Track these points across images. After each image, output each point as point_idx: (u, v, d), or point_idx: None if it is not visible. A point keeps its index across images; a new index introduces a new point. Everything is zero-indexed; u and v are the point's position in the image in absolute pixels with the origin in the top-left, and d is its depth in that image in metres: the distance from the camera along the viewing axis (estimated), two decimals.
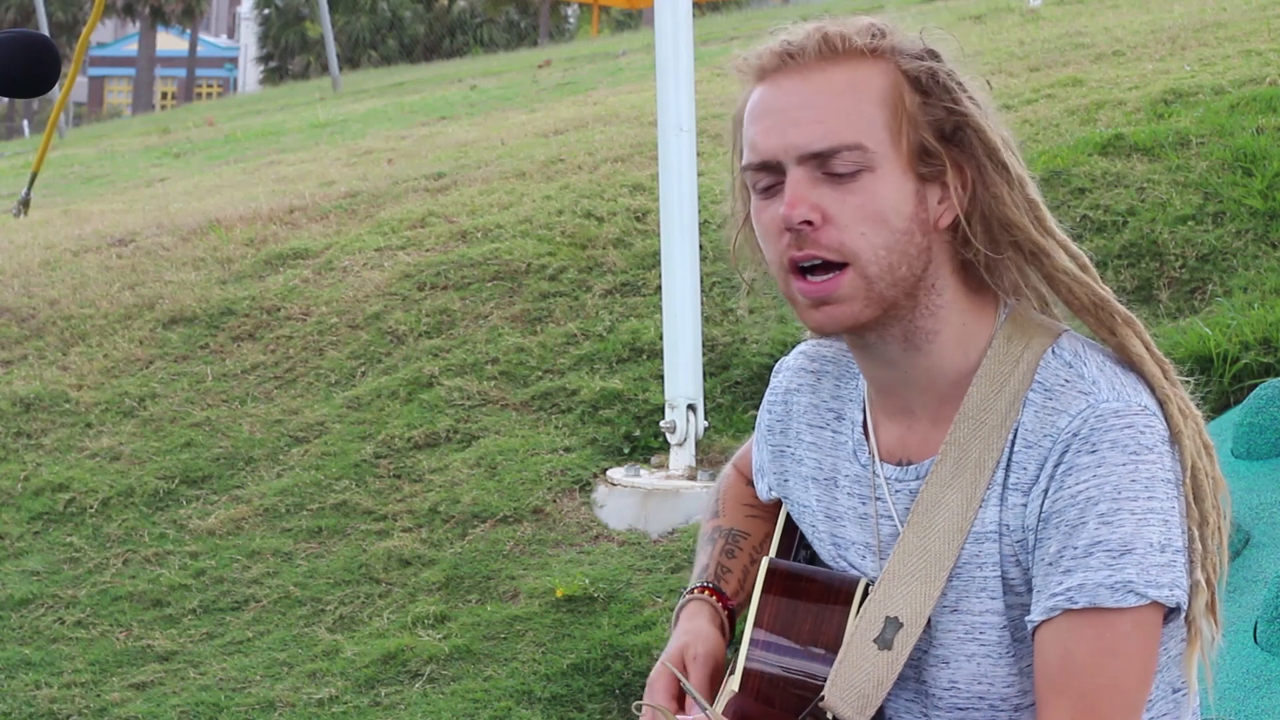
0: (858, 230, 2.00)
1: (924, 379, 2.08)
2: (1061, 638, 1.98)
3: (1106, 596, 1.96)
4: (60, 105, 10.89)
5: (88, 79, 59.20)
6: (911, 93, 2.03)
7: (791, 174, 2.02)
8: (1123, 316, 2.08)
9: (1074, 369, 2.04)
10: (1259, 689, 3.83)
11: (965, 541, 2.04)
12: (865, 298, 2.01)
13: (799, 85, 2.04)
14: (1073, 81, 8.30)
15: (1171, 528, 1.99)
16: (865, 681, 2.05)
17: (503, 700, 4.93)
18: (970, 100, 2.05)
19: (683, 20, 5.79)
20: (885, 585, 2.07)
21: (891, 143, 2.02)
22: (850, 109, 2.02)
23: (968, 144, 2.04)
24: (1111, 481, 1.97)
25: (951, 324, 2.07)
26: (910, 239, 2.02)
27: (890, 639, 2.05)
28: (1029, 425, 2.03)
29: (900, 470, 2.11)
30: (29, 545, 6.04)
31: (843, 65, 2.04)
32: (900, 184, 2.02)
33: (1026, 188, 2.06)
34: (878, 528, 2.12)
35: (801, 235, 2.01)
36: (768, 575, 2.17)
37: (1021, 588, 2.04)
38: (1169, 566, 1.98)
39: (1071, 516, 1.98)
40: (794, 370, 2.26)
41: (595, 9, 34.04)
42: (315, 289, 7.39)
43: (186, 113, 24.54)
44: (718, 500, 2.38)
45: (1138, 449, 1.99)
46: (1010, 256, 2.07)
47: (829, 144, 2.00)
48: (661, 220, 5.77)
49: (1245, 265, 6.16)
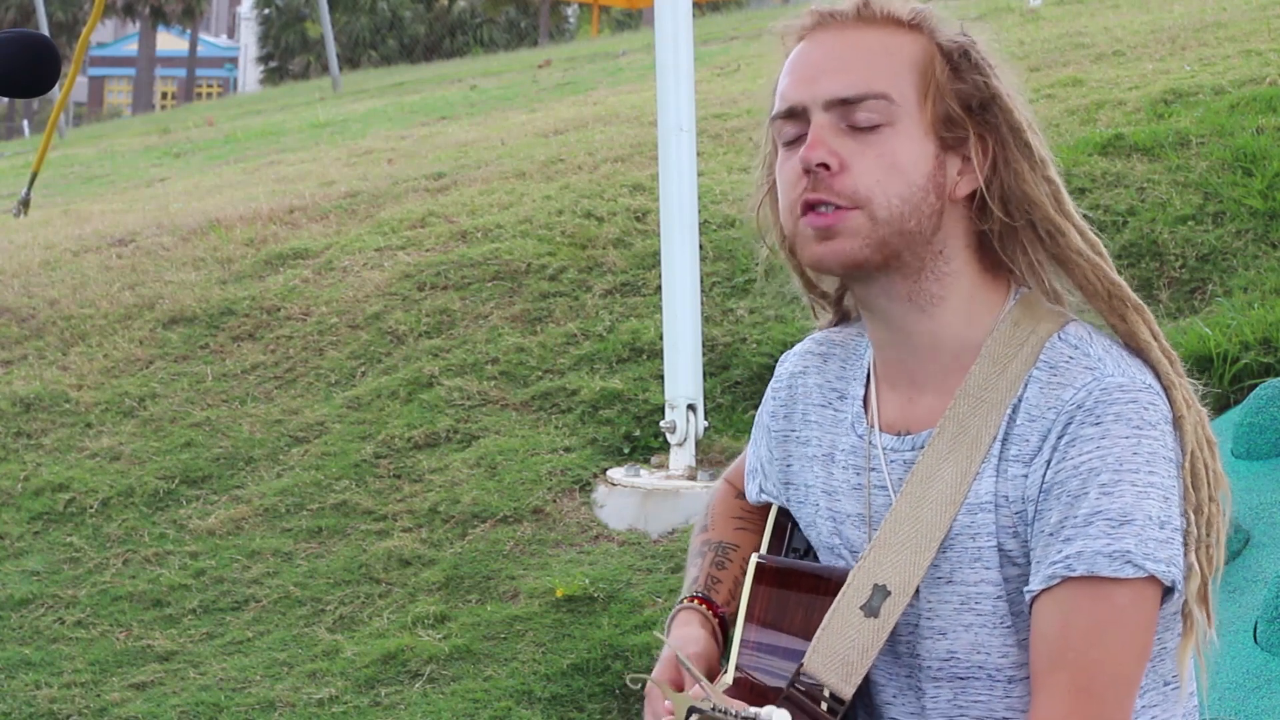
0: (874, 177, 2.04)
1: (926, 346, 2.10)
2: (1060, 608, 1.99)
3: (1104, 565, 1.97)
4: (60, 105, 10.89)
5: (88, 79, 59.20)
6: (943, 64, 2.08)
7: (815, 119, 2.06)
8: (1134, 304, 2.10)
9: (1079, 349, 2.06)
10: (1259, 689, 3.83)
11: (959, 513, 2.06)
12: (868, 237, 2.04)
13: (833, 40, 2.10)
14: (1073, 81, 8.30)
15: (1171, 505, 2.00)
16: (850, 648, 2.06)
17: (503, 700, 4.93)
18: (999, 80, 2.09)
19: (683, 20, 5.79)
20: (875, 553, 2.08)
21: (917, 103, 2.06)
22: (881, 64, 2.06)
23: (993, 119, 2.08)
24: (1114, 453, 1.99)
25: (959, 293, 2.09)
26: (924, 197, 2.06)
27: (877, 607, 2.06)
28: (1032, 399, 2.05)
29: (898, 440, 2.12)
30: (29, 545, 6.04)
31: (879, 29, 2.09)
32: (921, 143, 2.06)
33: (1048, 168, 2.09)
34: (870, 498, 2.14)
35: (818, 178, 2.04)
36: (757, 570, 2.18)
37: (1020, 559, 2.05)
38: (1166, 543, 1.99)
39: (1073, 487, 2.00)
40: (800, 354, 2.28)
41: (595, 9, 34.05)
42: (315, 289, 7.39)
43: (186, 113, 24.55)
44: (708, 514, 2.40)
45: (1141, 424, 2.00)
46: (1026, 236, 2.09)
47: (855, 91, 2.05)
48: (661, 220, 5.77)
49: (1245, 265, 6.16)
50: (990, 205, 2.07)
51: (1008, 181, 2.08)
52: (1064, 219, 2.09)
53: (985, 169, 2.07)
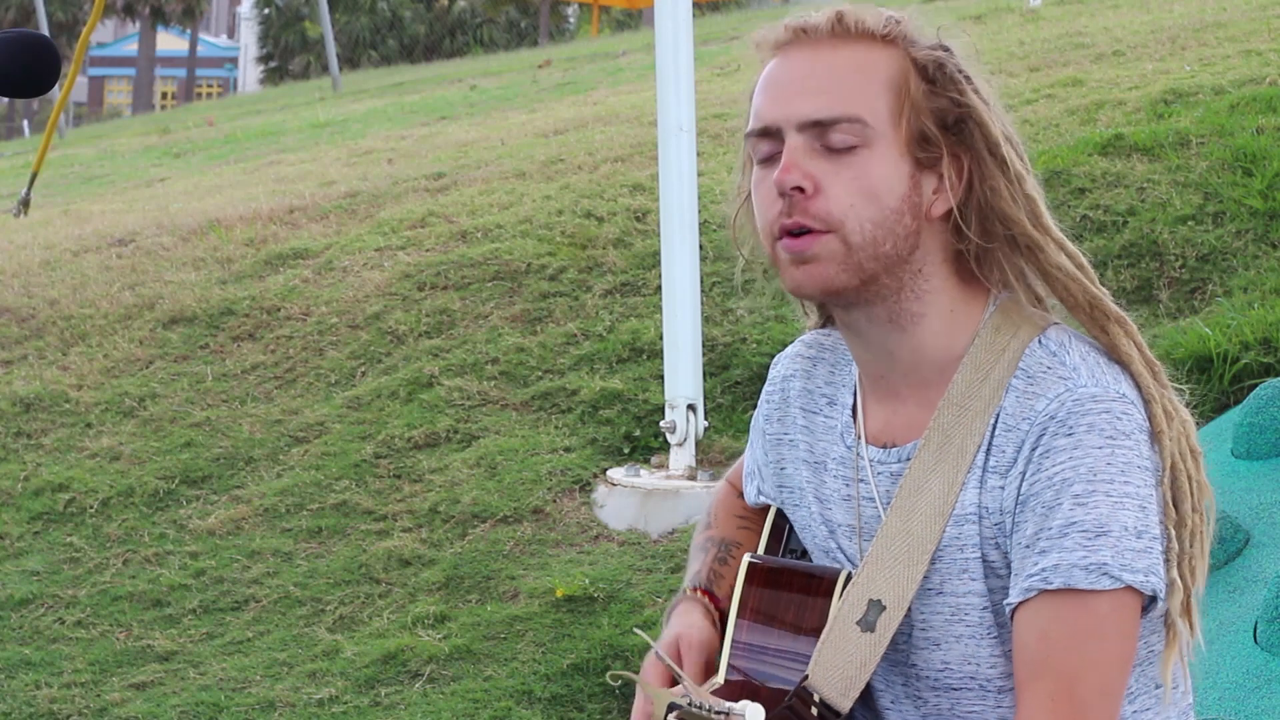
0: (847, 202, 2.03)
1: (909, 361, 2.10)
2: (1039, 619, 1.99)
3: (1081, 578, 1.97)
4: (60, 105, 10.89)
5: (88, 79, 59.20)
6: (918, 80, 2.06)
7: (790, 140, 2.05)
8: (1115, 316, 2.09)
9: (1057, 357, 2.06)
10: (1259, 689, 3.83)
11: (946, 524, 2.06)
12: (843, 262, 2.04)
13: (808, 58, 2.08)
14: (1073, 81, 8.30)
15: (1148, 514, 1.99)
16: (848, 664, 2.07)
17: (503, 700, 4.93)
18: (976, 94, 2.07)
19: (683, 20, 5.79)
20: (868, 568, 2.08)
21: (891, 123, 2.04)
22: (855, 85, 2.05)
23: (968, 136, 2.07)
24: (1087, 464, 1.98)
25: (938, 309, 2.09)
26: (899, 219, 2.05)
27: (873, 621, 2.07)
28: (1010, 409, 2.04)
29: (884, 453, 2.12)
30: (29, 545, 6.04)
31: (853, 45, 2.07)
32: (895, 165, 2.04)
33: (1025, 183, 2.07)
34: (859, 509, 2.14)
35: (792, 202, 2.04)
36: (749, 570, 2.19)
37: (1002, 570, 2.05)
38: (1144, 552, 1.98)
39: (1047, 498, 1.99)
40: (791, 357, 2.29)
41: (595, 9, 34.04)
42: (315, 289, 7.39)
43: (186, 113, 24.54)
44: (710, 513, 2.40)
45: (1114, 434, 2.00)
46: (1004, 250, 2.09)
47: (830, 113, 2.03)
48: (661, 220, 5.77)
49: (1245, 265, 6.16)
50: (965, 224, 2.06)
51: (984, 199, 2.07)
52: (1042, 234, 2.08)
53: (961, 188, 2.07)
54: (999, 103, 2.10)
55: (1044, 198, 2.10)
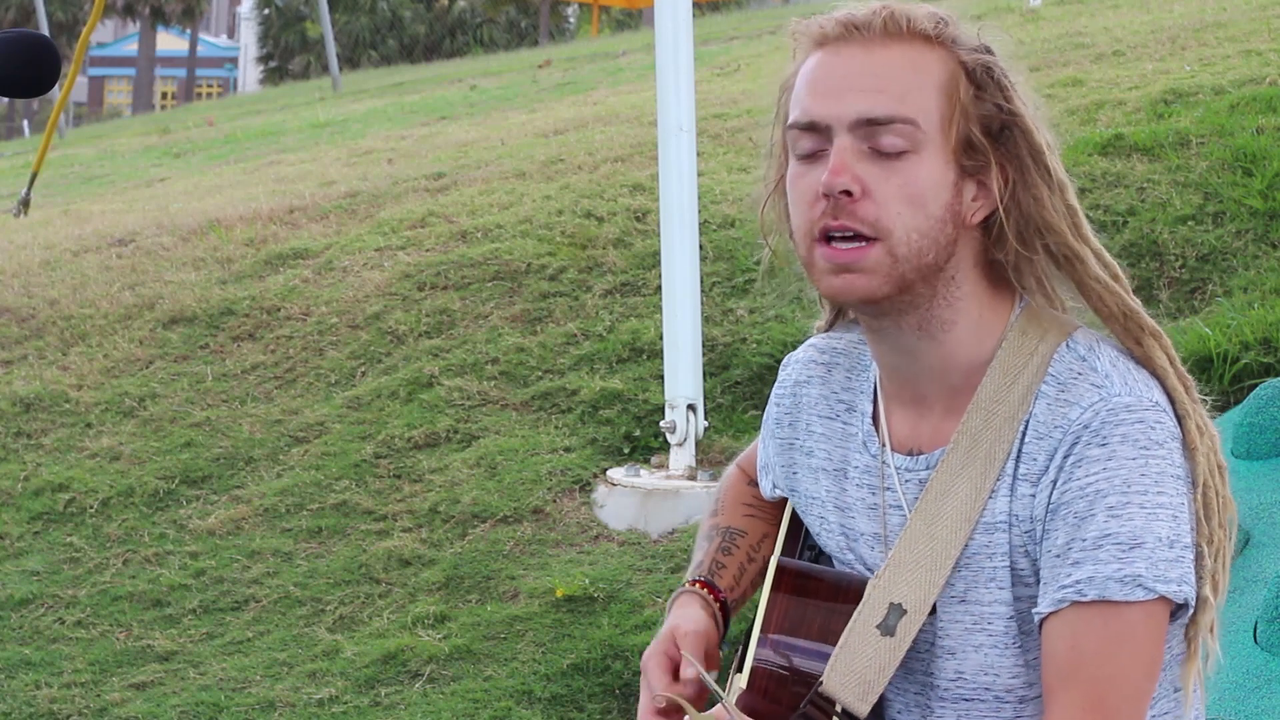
0: (895, 209, 2.00)
1: (938, 368, 2.08)
2: (1070, 629, 1.98)
3: (1116, 590, 1.96)
4: (60, 105, 10.89)
5: (88, 79, 59.20)
6: (967, 85, 2.04)
7: (839, 141, 2.01)
8: (1150, 329, 2.08)
9: (1087, 362, 2.04)
10: (1259, 689, 3.83)
11: (974, 532, 2.04)
12: (887, 274, 2.01)
13: (861, 55, 2.04)
14: (1073, 81, 8.30)
15: (1180, 523, 1.99)
16: (867, 667, 2.05)
17: (503, 700, 4.93)
18: (1020, 100, 2.06)
19: (683, 20, 5.79)
20: (890, 571, 2.07)
21: (941, 129, 2.02)
22: (909, 85, 2.01)
23: (1013, 143, 2.04)
24: (1121, 475, 1.98)
25: (968, 315, 2.07)
26: (943, 228, 2.02)
27: (893, 625, 2.05)
28: (1040, 417, 2.03)
29: (910, 460, 2.11)
30: (29, 545, 6.04)
31: (905, 45, 2.04)
32: (942, 172, 2.02)
33: (1067, 193, 2.05)
34: (885, 518, 2.12)
35: (839, 205, 2.00)
36: (777, 573, 2.17)
37: (1030, 578, 2.04)
38: (1177, 562, 1.98)
39: (1080, 508, 1.98)
40: (803, 363, 2.25)
41: (595, 9, 34.03)
42: (315, 289, 7.39)
43: (186, 113, 24.54)
44: (718, 499, 2.38)
45: (1148, 444, 1.99)
46: (1042, 260, 2.07)
47: (885, 112, 2.00)
48: (661, 220, 5.77)
49: (1245, 265, 6.16)
50: (1008, 233, 2.04)
51: (1027, 208, 2.04)
52: (1082, 244, 2.06)
53: (1005, 197, 2.04)
54: (1040, 107, 2.08)
55: (1082, 209, 2.08)
